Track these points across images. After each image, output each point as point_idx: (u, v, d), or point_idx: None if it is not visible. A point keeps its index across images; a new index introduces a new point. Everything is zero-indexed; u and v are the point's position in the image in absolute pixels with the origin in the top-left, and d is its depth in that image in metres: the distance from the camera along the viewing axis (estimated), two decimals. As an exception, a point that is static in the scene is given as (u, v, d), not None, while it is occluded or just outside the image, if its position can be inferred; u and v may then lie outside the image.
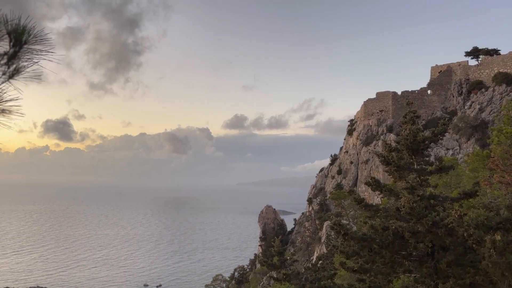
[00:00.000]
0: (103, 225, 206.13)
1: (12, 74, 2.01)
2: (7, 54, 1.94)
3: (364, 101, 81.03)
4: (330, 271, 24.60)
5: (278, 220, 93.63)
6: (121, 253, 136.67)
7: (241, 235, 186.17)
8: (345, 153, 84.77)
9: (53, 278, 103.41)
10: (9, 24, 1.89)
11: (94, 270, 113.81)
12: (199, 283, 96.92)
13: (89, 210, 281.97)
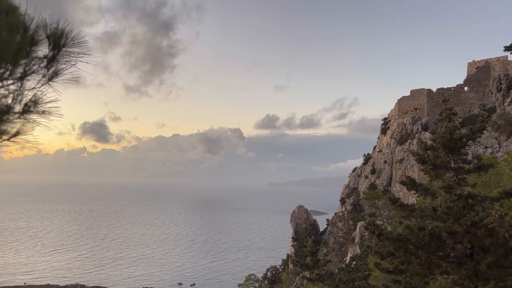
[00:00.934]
0: (139, 225, 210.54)
1: (51, 77, 2.08)
2: (46, 57, 2.01)
3: (398, 99, 79.46)
4: (364, 272, 24.24)
5: (311, 220, 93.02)
6: (156, 252, 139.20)
7: (274, 235, 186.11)
8: (378, 152, 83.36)
9: (91, 276, 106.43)
10: (48, 28, 1.96)
11: (131, 268, 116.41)
12: (232, 283, 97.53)
13: (125, 210, 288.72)
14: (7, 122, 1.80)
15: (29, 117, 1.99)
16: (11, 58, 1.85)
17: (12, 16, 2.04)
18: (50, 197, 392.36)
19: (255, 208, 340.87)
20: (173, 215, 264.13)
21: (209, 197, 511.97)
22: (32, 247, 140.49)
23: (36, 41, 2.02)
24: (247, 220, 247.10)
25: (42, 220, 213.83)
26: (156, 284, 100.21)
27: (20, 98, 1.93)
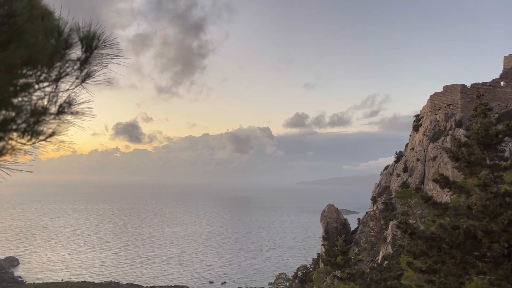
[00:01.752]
0: (171, 223, 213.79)
1: (84, 78, 2.15)
2: (79, 60, 2.07)
3: (431, 95, 77.62)
4: (397, 272, 23.83)
5: (341, 219, 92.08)
6: (188, 251, 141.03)
7: (304, 234, 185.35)
8: (411, 150, 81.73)
9: (124, 274, 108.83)
10: (81, 31, 2.02)
11: (163, 267, 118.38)
12: (262, 282, 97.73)
13: (157, 209, 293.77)
14: (43, 123, 1.87)
15: (64, 117, 2.06)
16: (46, 61, 1.92)
17: (48, 21, 2.12)
18: (85, 197, 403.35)
19: (285, 207, 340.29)
20: (204, 214, 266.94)
21: (239, 196, 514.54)
22: (69, 245, 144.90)
23: (70, 44, 2.09)
24: (277, 219, 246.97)
25: (77, 219, 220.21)
26: (188, 282, 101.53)
27: (55, 99, 2.01)
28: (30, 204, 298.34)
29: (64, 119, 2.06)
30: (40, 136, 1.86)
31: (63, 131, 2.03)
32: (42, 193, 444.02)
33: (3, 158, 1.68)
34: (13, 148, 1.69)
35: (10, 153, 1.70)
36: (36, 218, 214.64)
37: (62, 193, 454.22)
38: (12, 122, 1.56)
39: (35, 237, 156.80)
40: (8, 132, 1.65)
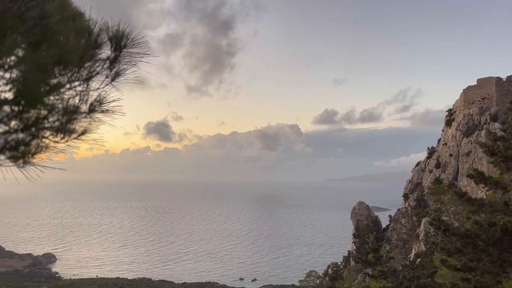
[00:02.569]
0: (202, 221, 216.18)
1: (114, 77, 2.18)
2: (109, 59, 2.11)
3: (464, 89, 75.45)
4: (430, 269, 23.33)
5: (372, 216, 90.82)
6: (218, 248, 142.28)
7: (334, 231, 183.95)
8: (443, 145, 79.78)
9: (156, 270, 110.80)
10: (110, 31, 2.06)
11: (194, 263, 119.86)
12: (293, 279, 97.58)
13: (188, 206, 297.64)
14: (75, 121, 1.91)
15: (95, 116, 2.10)
16: (77, 61, 1.97)
17: (78, 22, 2.17)
18: (117, 195, 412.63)
19: (314, 204, 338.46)
20: (234, 211, 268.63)
21: (268, 193, 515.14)
22: (103, 242, 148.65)
23: (99, 43, 2.13)
24: (307, 217, 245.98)
25: (111, 216, 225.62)
26: (219, 279, 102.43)
27: (86, 98, 2.05)
28: (66, 202, 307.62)
29: (95, 118, 2.10)
30: (73, 134, 1.90)
31: (94, 129, 2.07)
32: (76, 191, 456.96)
33: (38, 156, 1.72)
34: (47, 146, 1.71)
35: (44, 151, 1.71)
36: (71, 216, 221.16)
37: (95, 192, 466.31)
38: (45, 120, 1.60)
39: (71, 234, 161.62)
40: (41, 130, 1.68)
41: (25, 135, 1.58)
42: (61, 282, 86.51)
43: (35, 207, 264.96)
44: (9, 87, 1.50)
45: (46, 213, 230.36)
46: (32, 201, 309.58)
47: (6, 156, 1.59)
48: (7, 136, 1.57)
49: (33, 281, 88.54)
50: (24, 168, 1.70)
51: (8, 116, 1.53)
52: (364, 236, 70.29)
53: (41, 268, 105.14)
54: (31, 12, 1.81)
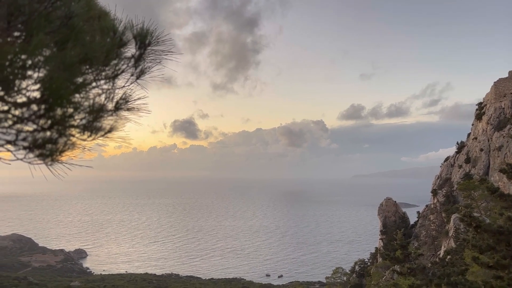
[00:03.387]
0: (228, 217, 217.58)
1: (139, 75, 2.20)
2: (134, 57, 2.12)
3: (495, 81, 73.30)
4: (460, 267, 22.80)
5: (400, 213, 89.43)
6: (245, 244, 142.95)
7: (361, 228, 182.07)
8: (473, 139, 77.79)
9: (184, 266, 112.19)
10: (134, 29, 2.07)
11: (221, 260, 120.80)
12: (319, 276, 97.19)
13: (215, 203, 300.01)
14: (102, 119, 1.93)
15: (121, 114, 2.12)
16: (102, 59, 1.99)
17: (103, 21, 2.19)
18: (145, 192, 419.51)
19: (340, 201, 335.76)
20: (260, 208, 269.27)
21: (294, 190, 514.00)
22: (132, 238, 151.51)
23: (124, 42, 2.15)
24: (333, 213, 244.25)
25: (140, 213, 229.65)
26: (245, 275, 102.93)
27: (112, 96, 2.07)
28: (96, 199, 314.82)
29: (121, 115, 2.12)
30: (99, 132, 1.92)
31: (121, 127, 2.08)
32: (106, 189, 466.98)
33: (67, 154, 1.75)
34: (74, 144, 1.72)
35: (72, 149, 1.72)
36: (101, 213, 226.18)
37: (124, 189, 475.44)
38: (71, 118, 1.62)
39: (101, 231, 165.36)
40: (68, 128, 1.69)
41: (52, 133, 1.61)
42: (92, 277, 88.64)
43: (67, 204, 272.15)
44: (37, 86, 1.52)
45: (77, 210, 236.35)
46: (63, 198, 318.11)
47: (35, 154, 1.62)
48: (35, 134, 1.59)
49: (65, 276, 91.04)
50: (52, 166, 1.73)
51: (35, 114, 1.55)
52: (392, 232, 69.42)
53: (73, 263, 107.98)
54: (57, 12, 1.84)
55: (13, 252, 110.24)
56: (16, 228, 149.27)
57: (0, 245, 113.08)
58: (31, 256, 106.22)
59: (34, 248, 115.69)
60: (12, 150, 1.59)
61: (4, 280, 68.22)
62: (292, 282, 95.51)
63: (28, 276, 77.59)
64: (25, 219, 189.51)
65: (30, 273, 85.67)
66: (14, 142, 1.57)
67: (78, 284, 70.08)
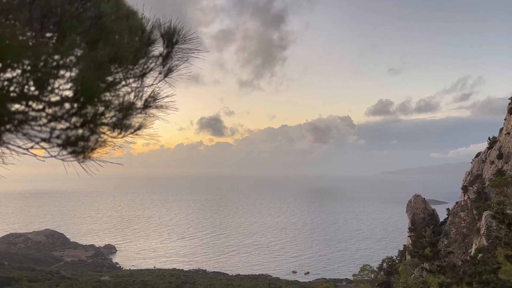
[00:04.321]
0: (255, 214, 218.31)
1: (166, 73, 2.23)
2: (162, 55, 2.15)
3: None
4: (493, 265, 22.19)
5: (429, 210, 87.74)
6: (270, 240, 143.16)
7: (388, 225, 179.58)
8: (506, 134, 75.49)
9: (211, 262, 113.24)
10: (162, 27, 2.10)
11: (248, 256, 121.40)
12: (346, 273, 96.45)
13: (241, 200, 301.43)
14: (131, 117, 1.97)
15: (149, 111, 2.16)
16: (131, 58, 2.02)
17: (132, 20, 2.23)
18: (173, 189, 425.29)
19: (368, 197, 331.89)
20: (287, 205, 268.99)
21: (320, 187, 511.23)
22: (160, 234, 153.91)
23: (152, 40, 2.18)
24: (360, 210, 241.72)
25: (168, 209, 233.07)
26: (272, 272, 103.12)
27: (141, 94, 2.10)
28: (125, 196, 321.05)
29: (150, 113, 2.16)
30: (129, 130, 1.96)
31: (149, 124, 2.12)
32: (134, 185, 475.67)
33: (97, 152, 1.80)
34: (105, 141, 1.77)
35: (102, 147, 1.77)
36: (130, 209, 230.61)
37: (152, 185, 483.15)
38: (102, 116, 1.66)
39: (130, 226, 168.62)
40: (98, 126, 1.71)
41: (84, 131, 1.65)
42: (121, 272, 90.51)
43: (97, 200, 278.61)
44: (69, 85, 1.56)
45: (107, 207, 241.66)
46: (93, 195, 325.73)
47: (68, 152, 1.66)
48: (68, 132, 1.63)
49: (96, 270, 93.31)
50: (84, 163, 1.78)
51: (68, 113, 1.59)
52: (421, 230, 68.23)
53: (103, 258, 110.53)
54: (88, 12, 1.89)
55: (46, 247, 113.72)
56: (49, 224, 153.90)
57: (34, 240, 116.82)
58: (63, 251, 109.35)
59: (66, 243, 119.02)
60: (46, 148, 1.66)
61: (38, 273, 70.46)
62: (318, 279, 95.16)
63: (61, 270, 79.91)
64: (57, 215, 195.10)
65: (63, 267, 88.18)
66: (48, 139, 1.61)
67: (108, 278, 71.69)
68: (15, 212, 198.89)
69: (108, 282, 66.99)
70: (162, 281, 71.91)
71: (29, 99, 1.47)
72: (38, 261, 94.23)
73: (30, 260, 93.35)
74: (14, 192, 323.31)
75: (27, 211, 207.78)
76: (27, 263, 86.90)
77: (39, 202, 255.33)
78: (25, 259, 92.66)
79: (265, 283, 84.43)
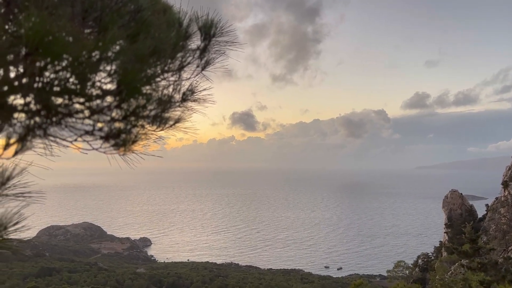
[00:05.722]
0: (285, 208, 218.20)
1: (204, 66, 2.23)
2: (199, 48, 2.15)
3: None
4: (536, 264, 21.35)
5: (466, 205, 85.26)
6: (303, 235, 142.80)
7: (423, 221, 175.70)
8: (549, 127, 72.31)
9: (243, 256, 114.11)
10: (200, 20, 2.09)
11: (280, 250, 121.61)
12: (380, 269, 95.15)
13: (273, 194, 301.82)
14: (170, 110, 1.98)
15: (187, 105, 2.16)
16: (169, 52, 2.03)
17: (168, 14, 2.23)
18: (204, 183, 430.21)
19: (402, 193, 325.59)
20: (318, 199, 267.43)
21: (353, 182, 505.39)
22: (194, 228, 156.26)
23: (190, 34, 2.18)
24: (395, 205, 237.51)
25: (201, 203, 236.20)
26: (304, 266, 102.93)
27: (179, 88, 2.11)
28: (159, 190, 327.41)
29: (187, 106, 2.17)
30: (168, 123, 1.97)
31: (187, 117, 2.13)
32: (168, 180, 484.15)
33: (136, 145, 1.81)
34: (146, 134, 1.79)
35: (144, 139, 1.79)
36: (164, 203, 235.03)
37: (185, 180, 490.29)
38: (144, 109, 1.68)
39: (164, 220, 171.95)
40: (140, 119, 1.72)
41: (127, 124, 1.67)
42: (156, 265, 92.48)
43: (132, 194, 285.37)
44: (111, 78, 1.57)
45: (142, 200, 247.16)
46: (128, 189, 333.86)
47: (110, 144, 1.68)
48: (111, 125, 1.65)
49: (131, 263, 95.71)
50: (125, 156, 1.80)
51: (110, 106, 1.60)
52: (458, 226, 66.44)
53: (138, 251, 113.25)
54: (127, 6, 1.90)
55: (85, 239, 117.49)
56: (87, 217, 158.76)
57: (73, 232, 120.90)
58: (100, 244, 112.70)
59: (103, 236, 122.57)
60: (88, 141, 1.66)
61: (77, 265, 72.93)
62: (351, 274, 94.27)
63: (98, 262, 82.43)
64: (94, 208, 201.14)
65: (100, 259, 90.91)
66: (91, 132, 1.63)
67: (144, 271, 73.42)
68: (55, 205, 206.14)
69: (144, 274, 68.59)
70: (195, 274, 73.02)
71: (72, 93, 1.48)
72: (77, 252, 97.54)
73: (69, 251, 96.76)
74: (53, 186, 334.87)
75: (66, 204, 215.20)
76: (67, 254, 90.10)
77: (77, 195, 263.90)
78: (64, 251, 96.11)
79: (297, 277, 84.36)
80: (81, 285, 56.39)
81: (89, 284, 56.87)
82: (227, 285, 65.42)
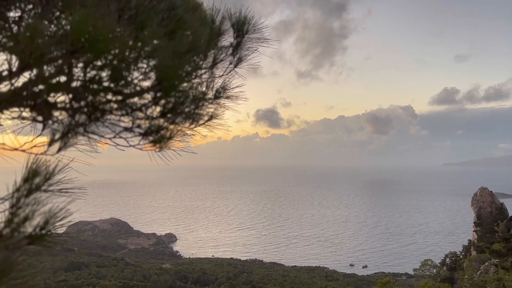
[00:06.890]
0: (310, 205, 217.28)
1: (236, 63, 2.23)
2: (232, 45, 2.15)
3: None
4: None
5: (497, 203, 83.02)
6: (328, 233, 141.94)
7: (451, 219, 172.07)
8: None
9: (267, 253, 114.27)
10: (232, 17, 2.09)
11: (304, 247, 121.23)
12: (407, 267, 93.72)
13: (297, 191, 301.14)
14: (203, 107, 1.99)
15: (220, 102, 2.17)
16: (204, 49, 2.03)
17: (199, 11, 2.24)
18: (229, 180, 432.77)
19: (429, 190, 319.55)
20: (342, 197, 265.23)
21: (379, 179, 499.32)
22: (219, 224, 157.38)
23: (222, 31, 2.19)
24: (422, 203, 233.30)
25: (226, 200, 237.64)
26: (329, 264, 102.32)
27: (212, 85, 2.12)
28: (184, 186, 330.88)
29: (220, 103, 2.17)
30: (202, 119, 1.98)
31: (220, 114, 2.13)
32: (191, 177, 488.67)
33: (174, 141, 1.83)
34: (182, 131, 1.81)
35: (180, 136, 1.81)
36: (189, 199, 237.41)
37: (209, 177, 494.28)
38: (181, 106, 1.69)
39: (190, 216, 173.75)
40: (177, 115, 1.73)
41: (165, 120, 1.69)
42: (181, 261, 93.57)
43: (159, 191, 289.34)
44: (149, 76, 1.58)
45: (168, 197, 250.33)
46: (154, 185, 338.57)
47: (149, 140, 1.70)
48: (150, 121, 1.66)
49: (157, 258, 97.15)
50: (161, 152, 1.82)
51: (147, 104, 1.62)
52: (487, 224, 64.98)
53: (164, 246, 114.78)
54: (161, 4, 1.92)
55: (112, 234, 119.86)
56: (114, 213, 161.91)
57: (101, 227, 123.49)
58: (127, 239, 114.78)
59: (129, 232, 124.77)
60: (126, 137, 1.69)
61: (105, 259, 74.52)
62: (377, 272, 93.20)
63: (125, 257, 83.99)
64: (121, 205, 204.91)
65: (127, 255, 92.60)
66: (130, 128, 1.65)
67: (169, 266, 74.46)
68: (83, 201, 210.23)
69: (169, 269, 69.54)
70: (220, 270, 73.57)
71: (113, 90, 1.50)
72: (104, 248, 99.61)
73: (97, 246, 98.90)
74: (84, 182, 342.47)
75: (93, 200, 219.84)
76: (95, 249, 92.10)
77: (104, 192, 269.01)
78: (93, 246, 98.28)
79: (321, 275, 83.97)
80: (108, 279, 57.60)
81: (116, 279, 58.04)
82: (251, 281, 65.68)
